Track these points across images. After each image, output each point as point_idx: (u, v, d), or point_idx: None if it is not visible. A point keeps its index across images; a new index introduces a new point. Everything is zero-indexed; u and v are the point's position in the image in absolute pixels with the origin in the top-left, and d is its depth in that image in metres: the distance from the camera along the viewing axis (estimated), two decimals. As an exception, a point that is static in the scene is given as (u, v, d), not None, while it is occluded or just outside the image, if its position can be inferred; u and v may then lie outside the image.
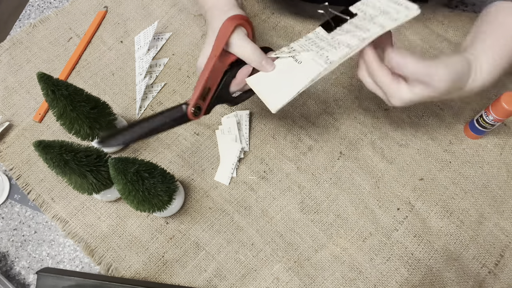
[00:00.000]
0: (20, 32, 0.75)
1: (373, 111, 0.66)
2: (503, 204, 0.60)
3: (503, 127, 0.65)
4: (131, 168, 0.48)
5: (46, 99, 0.52)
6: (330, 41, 0.49)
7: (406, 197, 0.61)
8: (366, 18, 0.48)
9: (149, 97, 0.69)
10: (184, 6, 0.76)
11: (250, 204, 0.61)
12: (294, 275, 0.57)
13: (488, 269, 0.57)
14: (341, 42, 0.48)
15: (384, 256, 0.58)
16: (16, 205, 0.63)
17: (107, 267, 0.58)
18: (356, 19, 0.49)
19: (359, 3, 0.50)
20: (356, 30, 0.47)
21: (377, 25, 0.46)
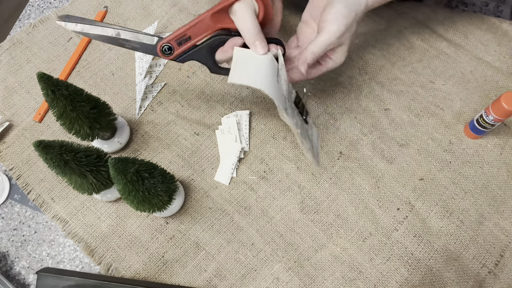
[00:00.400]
0: (20, 32, 0.74)
1: (373, 111, 0.66)
2: (503, 204, 0.60)
3: (503, 127, 0.65)
4: (131, 168, 0.48)
5: (46, 99, 0.52)
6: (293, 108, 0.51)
7: (406, 197, 0.61)
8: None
9: (149, 97, 0.69)
10: (184, 6, 0.76)
11: (250, 204, 0.61)
12: (294, 275, 0.57)
13: (488, 269, 0.57)
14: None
15: (384, 256, 0.58)
16: (16, 205, 0.63)
17: (107, 267, 0.58)
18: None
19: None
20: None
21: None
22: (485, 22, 0.73)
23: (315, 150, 0.53)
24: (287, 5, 0.75)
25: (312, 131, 0.54)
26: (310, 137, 0.53)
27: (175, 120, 0.67)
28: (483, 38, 0.71)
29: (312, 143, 0.52)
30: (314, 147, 0.52)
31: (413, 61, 0.70)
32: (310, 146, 0.51)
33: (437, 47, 0.71)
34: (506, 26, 0.72)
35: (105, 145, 0.62)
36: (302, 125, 0.51)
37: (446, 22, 0.73)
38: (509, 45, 0.70)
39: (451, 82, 0.68)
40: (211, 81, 0.70)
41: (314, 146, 0.53)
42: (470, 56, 0.70)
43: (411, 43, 0.71)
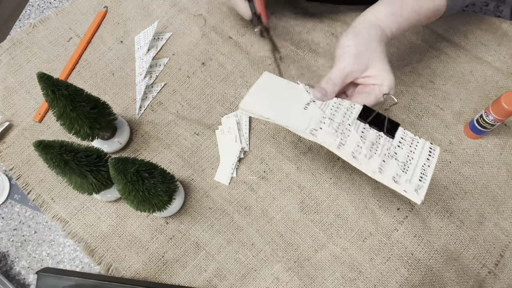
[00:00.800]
0: (20, 32, 0.74)
1: (373, 111, 0.66)
2: (503, 204, 0.60)
3: (503, 127, 0.65)
4: (131, 168, 0.48)
5: (46, 99, 0.52)
6: (346, 127, 0.48)
7: (406, 197, 0.61)
8: (392, 151, 0.46)
9: (149, 97, 0.69)
10: (184, 6, 0.76)
11: (250, 204, 0.61)
12: (294, 275, 0.57)
13: (488, 269, 0.57)
14: (351, 142, 0.46)
15: (384, 256, 0.58)
16: (16, 205, 0.63)
17: (107, 267, 0.58)
18: (385, 140, 0.47)
19: (408, 137, 0.47)
20: (373, 149, 0.46)
21: (389, 171, 0.44)
22: (485, 22, 0.73)
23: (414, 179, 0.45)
24: (276, 5, 0.75)
25: (412, 148, 0.46)
26: (407, 157, 0.46)
27: (175, 120, 0.67)
28: (483, 38, 0.71)
29: (409, 166, 0.45)
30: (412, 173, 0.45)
31: (413, 61, 0.70)
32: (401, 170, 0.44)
33: (437, 47, 0.71)
34: (506, 26, 0.72)
35: (105, 145, 0.62)
36: (376, 142, 0.46)
37: (446, 22, 0.73)
38: (509, 45, 0.70)
39: (451, 82, 0.68)
40: (211, 81, 0.70)
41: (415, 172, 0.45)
42: (470, 56, 0.70)
43: (411, 43, 0.71)
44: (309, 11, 0.74)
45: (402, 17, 0.52)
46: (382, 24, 0.51)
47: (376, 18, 0.51)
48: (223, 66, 0.71)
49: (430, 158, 0.46)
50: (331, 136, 0.47)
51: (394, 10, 0.52)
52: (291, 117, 0.48)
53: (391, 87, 0.49)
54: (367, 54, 0.49)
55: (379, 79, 0.49)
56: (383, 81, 0.49)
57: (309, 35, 0.73)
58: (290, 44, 0.72)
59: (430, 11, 0.54)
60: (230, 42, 0.73)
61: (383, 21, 0.51)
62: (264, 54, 0.71)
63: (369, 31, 0.50)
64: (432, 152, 0.46)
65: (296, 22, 0.74)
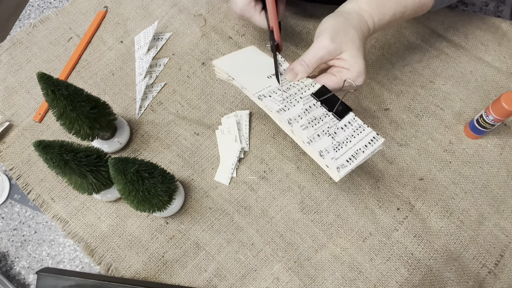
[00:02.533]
0: (20, 32, 0.74)
1: (373, 111, 0.66)
2: (503, 204, 0.60)
3: (503, 127, 0.65)
4: (131, 168, 0.48)
5: (46, 99, 0.52)
6: (296, 98, 0.50)
7: (406, 197, 0.61)
8: (334, 127, 0.49)
9: (149, 97, 0.69)
10: (184, 6, 0.76)
11: (250, 204, 0.61)
12: (294, 275, 0.57)
13: (488, 269, 0.57)
14: (292, 111, 0.49)
15: (384, 256, 0.58)
16: (16, 205, 0.63)
17: (107, 267, 0.58)
18: (330, 119, 0.49)
19: (356, 123, 0.49)
20: (312, 123, 0.49)
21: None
22: (485, 22, 0.73)
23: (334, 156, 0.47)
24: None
25: (355, 133, 0.48)
26: (346, 139, 0.48)
27: (175, 120, 0.67)
28: (483, 38, 0.71)
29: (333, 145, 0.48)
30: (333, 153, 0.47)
31: (413, 61, 0.70)
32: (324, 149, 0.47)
33: (437, 47, 0.71)
34: (506, 26, 0.72)
35: (105, 145, 0.62)
36: (319, 118, 0.49)
37: (446, 22, 0.73)
38: (509, 45, 0.70)
39: (451, 82, 0.68)
40: (211, 81, 0.70)
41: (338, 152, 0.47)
42: (470, 56, 0.70)
43: (411, 43, 0.71)
44: (309, 12, 0.74)
45: (385, 6, 0.52)
46: (364, 13, 0.52)
47: (359, 7, 0.52)
48: (223, 66, 0.71)
49: (369, 145, 0.48)
50: (276, 103, 0.49)
51: (377, 0, 0.52)
52: (251, 82, 0.51)
53: (359, 73, 0.50)
54: (342, 38, 0.49)
55: (349, 64, 0.50)
56: (352, 66, 0.50)
57: (309, 35, 0.73)
58: (290, 45, 0.72)
59: (416, 4, 0.54)
60: (230, 42, 0.73)
61: (365, 10, 0.52)
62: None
63: (348, 17, 0.51)
64: (373, 141, 0.48)
65: (296, 23, 0.74)
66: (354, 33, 0.50)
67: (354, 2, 0.52)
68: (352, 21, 0.50)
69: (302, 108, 0.49)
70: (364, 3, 0.52)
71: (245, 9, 0.57)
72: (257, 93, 0.50)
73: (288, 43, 0.72)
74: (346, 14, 0.51)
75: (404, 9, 0.53)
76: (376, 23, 0.53)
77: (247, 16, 0.58)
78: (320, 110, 0.50)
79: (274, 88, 0.51)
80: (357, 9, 0.52)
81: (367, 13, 0.52)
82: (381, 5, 0.52)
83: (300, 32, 0.73)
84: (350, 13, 0.51)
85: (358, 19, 0.51)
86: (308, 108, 0.49)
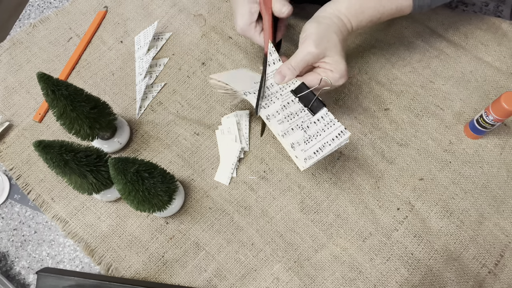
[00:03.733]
0: (20, 32, 0.74)
1: (373, 111, 0.66)
2: (503, 204, 0.60)
3: (503, 127, 0.65)
4: (131, 168, 0.48)
5: (46, 99, 0.52)
6: (276, 96, 0.55)
7: (406, 197, 0.61)
8: (307, 120, 0.53)
9: (149, 97, 0.69)
10: (184, 6, 0.76)
11: (250, 204, 0.61)
12: (294, 275, 0.57)
13: (488, 269, 0.57)
14: (272, 108, 0.54)
15: (384, 256, 0.58)
16: (16, 205, 0.63)
17: (107, 267, 0.58)
18: (305, 114, 0.53)
19: (328, 118, 0.53)
20: (288, 117, 0.53)
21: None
22: (485, 22, 0.73)
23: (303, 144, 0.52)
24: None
25: (326, 127, 0.52)
26: (316, 133, 0.52)
27: (175, 120, 0.67)
28: (483, 38, 0.71)
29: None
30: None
31: (413, 61, 0.70)
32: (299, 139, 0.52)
33: (437, 47, 0.71)
34: (506, 26, 0.72)
35: (105, 145, 0.62)
36: (295, 113, 0.54)
37: (446, 22, 0.73)
38: (509, 45, 0.70)
39: (451, 82, 0.68)
40: (211, 81, 0.70)
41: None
42: (470, 56, 0.70)
43: (411, 43, 0.71)
44: (309, 12, 0.74)
45: (363, 13, 0.56)
46: (343, 17, 0.55)
47: (339, 11, 0.55)
48: (223, 66, 0.71)
49: (335, 139, 0.51)
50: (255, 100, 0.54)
51: (355, 7, 0.55)
52: (241, 85, 0.56)
53: (342, 74, 0.54)
54: (325, 44, 0.53)
55: (333, 66, 0.54)
56: (335, 68, 0.53)
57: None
58: (290, 45, 0.72)
59: (393, 10, 0.57)
60: (230, 42, 0.73)
61: (344, 14, 0.55)
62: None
63: (329, 23, 0.54)
64: (340, 135, 0.51)
65: (296, 23, 0.74)
66: (335, 38, 0.54)
67: (334, 6, 0.56)
68: (333, 27, 0.54)
69: (281, 105, 0.54)
70: (344, 8, 0.55)
71: (246, 30, 0.59)
72: (243, 90, 0.55)
73: (288, 43, 0.72)
74: (328, 20, 0.55)
75: (380, 15, 0.57)
76: (353, 27, 0.56)
77: (248, 36, 0.60)
78: (297, 106, 0.54)
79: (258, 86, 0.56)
80: (336, 13, 0.55)
81: (346, 18, 0.55)
82: (359, 13, 0.55)
83: (300, 32, 0.73)
84: (330, 17, 0.55)
85: (338, 23, 0.55)
86: (286, 104, 0.54)
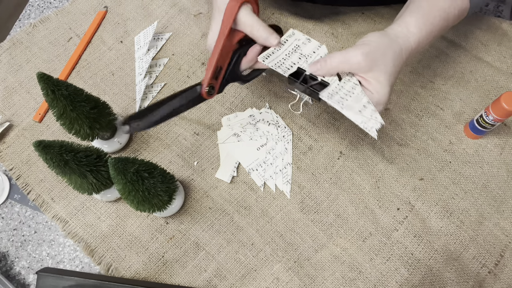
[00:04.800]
0: (20, 32, 0.74)
1: (373, 111, 0.66)
2: (503, 204, 0.60)
3: (503, 127, 0.65)
4: (131, 168, 0.48)
5: (46, 99, 0.52)
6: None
7: (406, 197, 0.61)
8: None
9: (149, 97, 0.69)
10: (184, 6, 0.76)
11: (250, 204, 0.61)
12: (294, 275, 0.57)
13: (488, 269, 0.57)
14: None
15: (384, 256, 0.58)
16: (16, 205, 0.63)
17: (107, 267, 0.58)
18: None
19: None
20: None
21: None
22: (485, 22, 0.73)
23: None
24: (276, 6, 0.75)
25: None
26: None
27: (175, 120, 0.67)
28: (483, 38, 0.71)
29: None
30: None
31: (413, 61, 0.70)
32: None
33: (437, 47, 0.71)
34: (506, 26, 0.72)
35: (105, 145, 0.62)
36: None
37: (446, 22, 0.73)
38: (509, 45, 0.70)
39: (451, 82, 0.68)
40: (211, 81, 0.70)
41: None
42: (470, 56, 0.70)
43: (411, 43, 0.71)
44: (309, 12, 0.74)
45: (432, 25, 0.50)
46: (413, 37, 0.49)
47: (408, 30, 0.49)
48: (223, 66, 0.71)
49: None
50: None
51: (424, 20, 0.49)
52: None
53: (379, 101, 0.48)
54: (377, 57, 0.47)
55: (373, 88, 0.48)
56: (376, 91, 0.48)
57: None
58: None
59: (456, 16, 0.52)
60: (230, 42, 0.73)
61: (414, 34, 0.49)
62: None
63: (394, 40, 0.48)
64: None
65: (296, 23, 0.74)
66: (391, 58, 0.47)
67: (404, 25, 0.50)
68: (395, 45, 0.48)
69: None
70: (413, 26, 0.49)
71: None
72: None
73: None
74: (393, 37, 0.49)
75: (447, 23, 0.51)
76: (420, 43, 0.50)
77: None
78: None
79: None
80: (405, 33, 0.49)
81: (416, 36, 0.49)
82: (429, 24, 0.49)
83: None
84: (398, 36, 0.49)
85: (403, 45, 0.49)
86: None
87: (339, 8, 0.74)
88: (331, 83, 0.50)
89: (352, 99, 0.48)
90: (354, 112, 0.47)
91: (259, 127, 0.64)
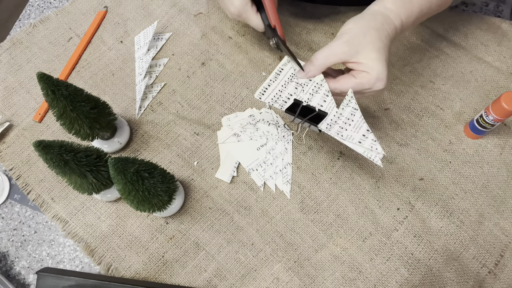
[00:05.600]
0: (20, 32, 0.74)
1: (373, 111, 0.66)
2: (503, 204, 0.60)
3: (503, 127, 0.65)
4: (131, 168, 0.48)
5: (46, 99, 0.52)
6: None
7: (406, 197, 0.61)
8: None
9: (149, 97, 0.69)
10: (184, 6, 0.76)
11: (250, 204, 0.61)
12: (294, 275, 0.57)
13: (488, 269, 0.57)
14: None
15: (384, 256, 0.58)
16: (16, 205, 0.63)
17: (107, 267, 0.58)
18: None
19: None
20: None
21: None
22: (485, 22, 0.73)
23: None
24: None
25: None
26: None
27: (175, 120, 0.67)
28: (483, 38, 0.71)
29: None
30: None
31: (413, 61, 0.70)
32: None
33: (437, 47, 0.71)
34: (506, 26, 0.72)
35: (105, 145, 0.62)
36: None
37: (446, 22, 0.73)
38: (509, 45, 0.70)
39: (451, 82, 0.68)
40: (211, 81, 0.70)
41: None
42: (470, 56, 0.70)
43: (411, 43, 0.71)
44: (309, 12, 0.74)
45: (411, 2, 0.51)
46: (390, 13, 0.50)
47: (384, 7, 0.51)
48: (223, 66, 0.71)
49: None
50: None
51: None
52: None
53: (378, 77, 0.48)
54: (360, 40, 0.48)
55: (367, 67, 0.48)
56: (371, 69, 0.48)
57: (309, 35, 0.73)
58: (290, 44, 0.72)
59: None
60: (230, 42, 0.73)
61: (391, 10, 0.51)
62: (264, 54, 0.71)
63: (370, 19, 0.50)
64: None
65: (296, 23, 0.74)
66: (375, 35, 0.48)
67: (380, 2, 0.51)
68: (374, 23, 0.49)
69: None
70: (389, 2, 0.51)
71: (242, 9, 0.56)
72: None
73: (288, 43, 0.72)
74: (370, 16, 0.50)
75: (429, 4, 0.52)
76: (404, 22, 0.51)
77: (244, 16, 0.57)
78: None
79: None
80: (382, 10, 0.51)
81: (394, 13, 0.50)
82: (407, 2, 0.51)
83: (300, 32, 0.73)
84: (374, 14, 0.50)
85: (383, 20, 0.50)
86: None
87: (339, 8, 0.74)
88: (330, 111, 0.50)
89: (352, 127, 0.49)
90: (355, 143, 0.48)
91: (259, 127, 0.64)
